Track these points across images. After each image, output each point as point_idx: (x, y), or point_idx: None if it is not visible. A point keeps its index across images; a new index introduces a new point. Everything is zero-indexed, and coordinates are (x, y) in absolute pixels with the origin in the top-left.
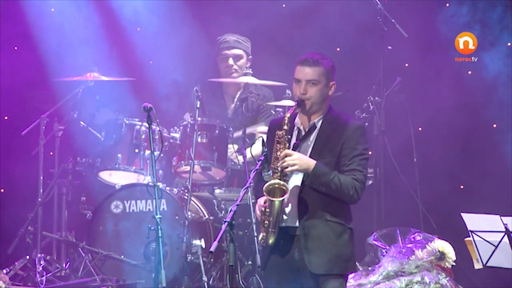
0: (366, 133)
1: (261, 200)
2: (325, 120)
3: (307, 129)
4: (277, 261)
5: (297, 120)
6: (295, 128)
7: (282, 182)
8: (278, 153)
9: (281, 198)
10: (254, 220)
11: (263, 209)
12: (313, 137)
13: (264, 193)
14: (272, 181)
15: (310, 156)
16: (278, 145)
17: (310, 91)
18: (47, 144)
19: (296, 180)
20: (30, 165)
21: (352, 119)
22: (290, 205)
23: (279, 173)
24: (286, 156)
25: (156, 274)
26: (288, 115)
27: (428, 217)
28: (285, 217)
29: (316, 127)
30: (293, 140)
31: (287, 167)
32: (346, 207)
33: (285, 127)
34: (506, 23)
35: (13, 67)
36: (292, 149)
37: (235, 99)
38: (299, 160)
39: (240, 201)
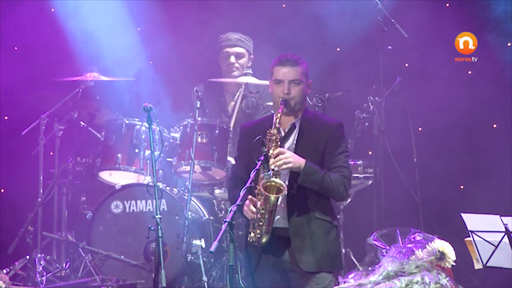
0: (344, 130)
1: (251, 200)
2: (303, 120)
3: (286, 130)
4: (268, 263)
5: (275, 120)
6: None
7: (279, 181)
8: (270, 151)
9: (278, 195)
10: None
11: (259, 207)
12: (293, 137)
13: (262, 189)
14: (270, 179)
15: None
16: (269, 143)
17: (293, 90)
18: (47, 144)
19: (283, 179)
20: (30, 165)
21: (330, 117)
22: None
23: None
24: (279, 154)
25: (156, 274)
26: (279, 114)
27: (428, 217)
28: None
29: (295, 127)
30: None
31: (281, 166)
32: (331, 205)
33: (276, 126)
34: (506, 23)
35: (13, 67)
36: None
37: (236, 97)
38: (292, 158)
39: (240, 201)
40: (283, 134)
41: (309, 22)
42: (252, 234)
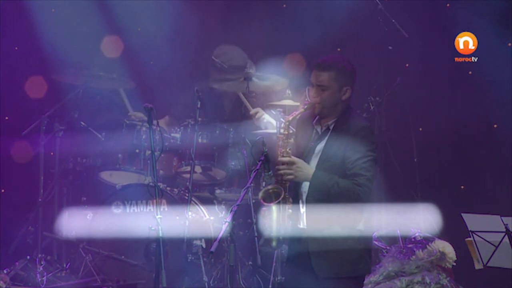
0: (371, 134)
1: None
2: (336, 124)
3: (322, 130)
4: (292, 263)
5: (315, 121)
6: (314, 129)
7: (273, 186)
8: (279, 157)
9: (276, 201)
10: (254, 220)
11: (262, 213)
12: (326, 139)
13: (260, 200)
14: (267, 187)
15: (319, 160)
16: (280, 148)
17: (320, 95)
18: (48, 144)
19: (304, 185)
20: (30, 165)
21: (358, 120)
22: (298, 209)
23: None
24: (282, 164)
25: (157, 274)
26: (289, 118)
27: (428, 217)
28: (290, 221)
29: (329, 130)
30: (310, 141)
31: (282, 176)
32: (353, 209)
33: (285, 131)
34: (506, 23)
35: (13, 67)
36: (309, 151)
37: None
38: (295, 171)
39: (241, 201)
40: (320, 133)
41: (310, 22)
42: (262, 239)
